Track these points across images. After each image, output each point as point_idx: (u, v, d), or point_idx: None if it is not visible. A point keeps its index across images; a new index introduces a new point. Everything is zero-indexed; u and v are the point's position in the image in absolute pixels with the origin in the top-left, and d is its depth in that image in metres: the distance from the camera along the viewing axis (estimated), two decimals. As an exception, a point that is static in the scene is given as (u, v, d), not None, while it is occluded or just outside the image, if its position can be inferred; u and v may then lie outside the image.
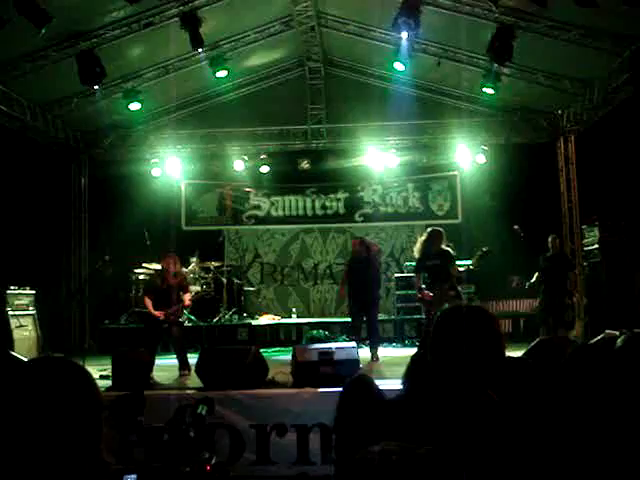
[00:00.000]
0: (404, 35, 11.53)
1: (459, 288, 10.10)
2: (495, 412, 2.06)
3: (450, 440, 1.97)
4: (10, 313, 11.98)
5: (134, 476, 2.39)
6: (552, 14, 10.47)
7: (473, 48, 12.54)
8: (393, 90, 14.97)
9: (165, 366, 10.09)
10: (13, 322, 11.94)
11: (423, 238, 10.54)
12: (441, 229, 10.57)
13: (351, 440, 3.20)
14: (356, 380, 3.71)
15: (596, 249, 12.60)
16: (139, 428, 3.30)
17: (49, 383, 1.66)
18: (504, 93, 13.37)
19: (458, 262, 12.10)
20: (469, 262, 10.68)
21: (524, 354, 5.84)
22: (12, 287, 12.23)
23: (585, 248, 13.14)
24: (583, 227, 13.45)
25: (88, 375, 1.75)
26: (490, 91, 12.89)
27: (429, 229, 10.73)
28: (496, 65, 11.93)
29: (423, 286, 10.22)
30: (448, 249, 10.30)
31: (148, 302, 10.07)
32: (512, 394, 2.33)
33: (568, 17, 10.59)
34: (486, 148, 15.11)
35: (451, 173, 16.36)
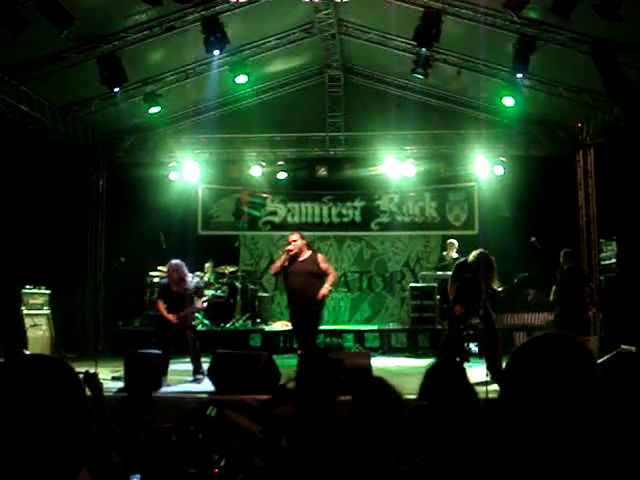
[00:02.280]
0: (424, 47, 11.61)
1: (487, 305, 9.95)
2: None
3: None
4: (25, 312, 12.06)
5: (139, 476, 2.37)
6: (574, 26, 10.42)
7: (493, 59, 12.53)
8: (412, 99, 15.00)
9: (179, 370, 10.09)
10: (27, 321, 12.03)
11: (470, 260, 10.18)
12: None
13: (365, 439, 3.18)
14: (370, 381, 3.70)
15: (613, 263, 12.51)
16: (147, 428, 3.28)
17: (34, 381, 1.65)
18: (524, 105, 13.31)
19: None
20: (500, 289, 10.41)
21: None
22: (28, 286, 12.32)
23: (602, 262, 13.06)
24: (601, 241, 13.37)
25: (74, 374, 1.73)
26: (510, 102, 12.84)
27: (479, 251, 10.29)
28: (520, 76, 11.87)
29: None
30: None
31: (161, 306, 10.06)
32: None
33: (590, 29, 10.53)
34: (504, 160, 15.04)
35: (469, 184, 16.29)
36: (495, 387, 8.15)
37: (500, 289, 10.17)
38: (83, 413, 1.66)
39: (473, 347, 11.25)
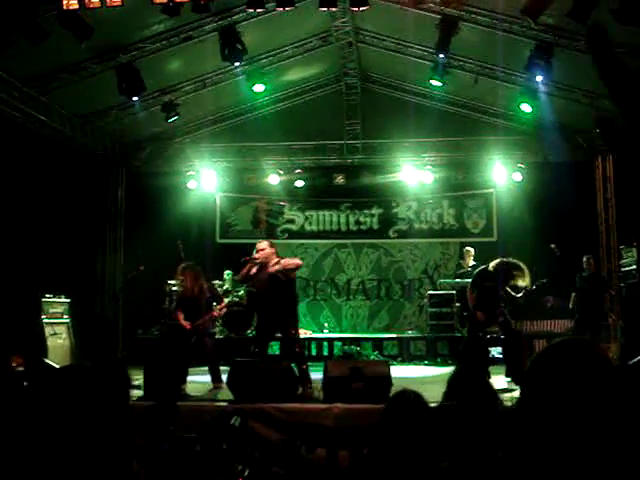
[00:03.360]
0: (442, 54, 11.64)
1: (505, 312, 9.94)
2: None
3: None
4: (45, 321, 12.13)
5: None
6: (592, 32, 10.36)
7: (511, 65, 12.49)
8: (429, 106, 14.98)
9: (197, 380, 10.09)
10: (47, 330, 12.09)
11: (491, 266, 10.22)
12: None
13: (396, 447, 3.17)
14: (401, 393, 3.70)
15: (634, 270, 12.43)
16: (171, 437, 3.29)
17: (78, 389, 1.65)
18: (541, 111, 13.27)
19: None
20: (518, 295, 10.37)
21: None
22: (47, 295, 12.38)
23: (622, 269, 12.97)
24: (621, 247, 13.28)
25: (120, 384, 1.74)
26: (527, 108, 12.81)
27: (499, 260, 10.33)
28: (539, 81, 11.82)
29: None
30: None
31: (179, 315, 10.07)
32: None
33: (609, 35, 10.48)
34: (522, 166, 14.98)
35: (487, 191, 16.22)
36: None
37: (519, 295, 10.14)
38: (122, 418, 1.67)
39: (496, 354, 11.22)
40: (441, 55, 11.62)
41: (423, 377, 11.21)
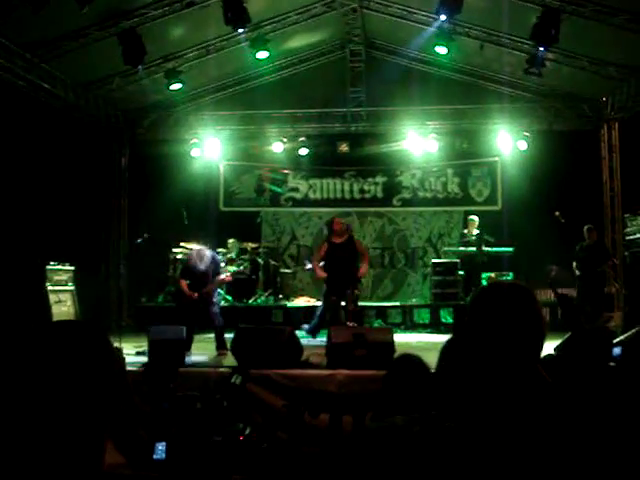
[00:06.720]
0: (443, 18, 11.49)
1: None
2: (544, 390, 1.97)
3: (482, 414, 1.91)
4: (49, 288, 12.17)
5: (164, 444, 2.39)
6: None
7: (517, 32, 12.36)
8: (434, 74, 14.88)
9: (202, 346, 10.14)
10: (52, 297, 12.13)
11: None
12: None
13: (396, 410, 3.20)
14: (404, 356, 3.73)
15: (638, 239, 12.41)
16: (172, 396, 3.32)
17: (66, 345, 1.64)
18: (547, 78, 13.17)
19: (499, 249, 12.30)
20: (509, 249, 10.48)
21: (562, 343, 5.78)
22: (52, 263, 12.41)
23: (627, 237, 12.94)
24: (625, 216, 13.24)
25: (106, 336, 1.72)
26: (532, 75, 12.70)
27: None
28: (541, 49, 11.72)
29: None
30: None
31: (183, 284, 10.11)
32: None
33: (615, 2, 10.38)
34: (528, 134, 14.89)
35: (492, 159, 16.14)
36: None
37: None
38: (115, 381, 1.67)
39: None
40: (442, 17, 11.42)
41: (426, 344, 11.25)
